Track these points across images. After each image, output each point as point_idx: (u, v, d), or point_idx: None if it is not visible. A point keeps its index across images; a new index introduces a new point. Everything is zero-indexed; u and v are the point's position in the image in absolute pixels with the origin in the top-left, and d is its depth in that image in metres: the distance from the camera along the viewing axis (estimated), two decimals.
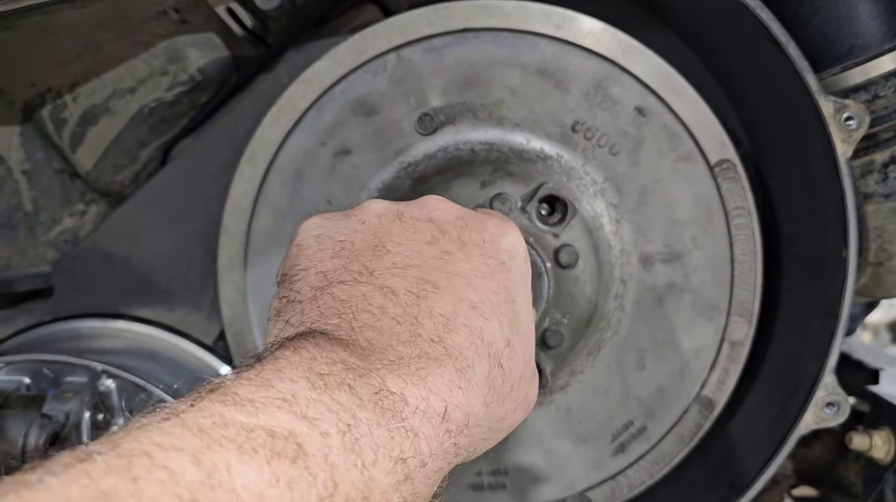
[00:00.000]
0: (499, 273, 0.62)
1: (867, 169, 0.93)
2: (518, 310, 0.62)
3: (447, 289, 0.58)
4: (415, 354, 0.53)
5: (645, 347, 0.95)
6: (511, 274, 0.63)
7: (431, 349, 0.54)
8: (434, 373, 0.52)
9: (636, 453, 0.96)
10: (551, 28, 0.89)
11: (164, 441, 0.37)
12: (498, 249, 0.63)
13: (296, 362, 0.46)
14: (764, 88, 0.93)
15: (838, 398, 0.88)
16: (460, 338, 0.55)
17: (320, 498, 0.40)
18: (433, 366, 0.53)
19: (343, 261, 0.59)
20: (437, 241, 0.61)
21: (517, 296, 0.63)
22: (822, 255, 0.91)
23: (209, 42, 0.93)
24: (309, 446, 0.41)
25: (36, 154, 1.00)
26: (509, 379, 0.58)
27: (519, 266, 0.65)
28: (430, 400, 0.51)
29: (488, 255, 0.62)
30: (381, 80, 0.92)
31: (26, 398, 0.88)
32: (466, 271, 0.60)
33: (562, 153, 0.92)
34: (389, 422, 0.47)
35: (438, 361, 0.53)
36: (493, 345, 0.57)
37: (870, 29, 0.90)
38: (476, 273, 0.60)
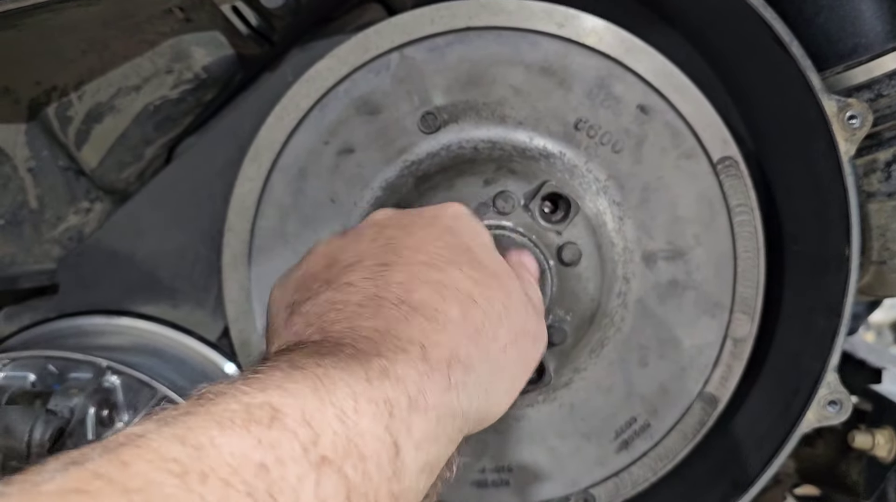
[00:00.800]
0: (446, 233, 0.65)
1: (870, 168, 0.93)
2: (477, 254, 0.65)
3: (399, 263, 0.60)
4: (382, 322, 0.55)
5: (648, 344, 0.95)
6: (459, 230, 0.66)
7: (397, 312, 0.56)
8: (404, 324, 0.55)
9: (640, 450, 0.96)
10: (553, 26, 0.90)
11: (150, 430, 0.39)
12: (439, 218, 0.67)
13: (269, 366, 0.48)
14: (767, 87, 0.93)
15: (841, 396, 0.88)
16: (422, 294, 0.58)
17: (304, 449, 0.41)
18: (402, 323, 0.55)
19: (303, 290, 0.61)
20: (381, 234, 0.65)
21: (472, 246, 0.65)
22: (824, 254, 0.91)
23: (214, 40, 0.93)
24: (283, 407, 0.42)
25: (41, 152, 1.01)
26: (491, 312, 0.60)
27: (467, 224, 0.68)
28: (405, 346, 0.53)
29: (431, 226, 0.66)
30: (385, 79, 0.92)
31: (31, 394, 0.88)
32: (414, 243, 0.63)
33: (564, 151, 0.92)
34: (367, 372, 0.48)
35: (407, 318, 0.56)
36: (459, 287, 0.60)
37: (873, 28, 0.91)
38: (423, 241, 0.63)
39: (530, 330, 0.65)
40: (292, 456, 0.41)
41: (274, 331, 0.61)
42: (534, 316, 0.67)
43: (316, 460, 0.42)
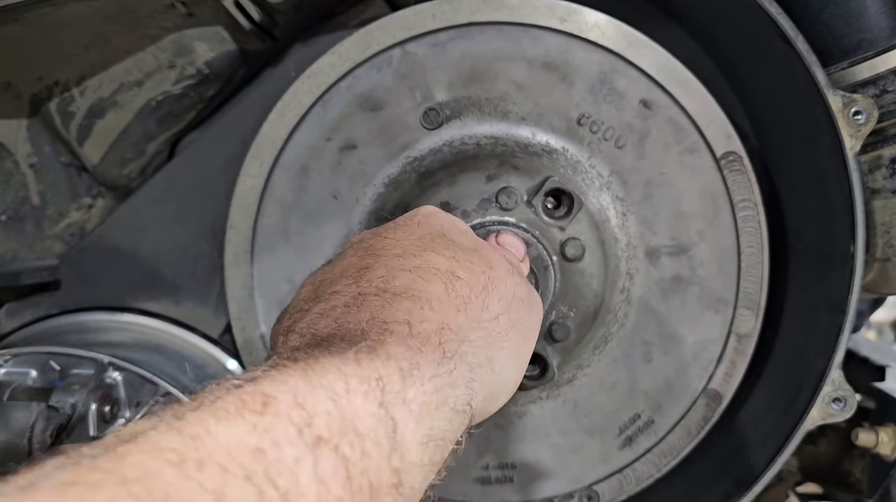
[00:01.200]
0: (419, 227, 0.67)
1: (875, 164, 0.93)
2: (453, 237, 0.66)
3: (377, 262, 0.62)
4: (367, 313, 0.56)
5: (651, 340, 0.94)
6: (430, 224, 0.68)
7: (380, 300, 0.57)
8: (389, 309, 0.56)
9: (643, 446, 0.96)
10: (556, 21, 0.89)
11: (146, 426, 0.39)
12: (411, 218, 0.69)
13: (262, 366, 0.48)
14: (771, 83, 0.93)
15: (845, 393, 0.87)
16: (402, 280, 0.59)
17: (299, 431, 0.42)
18: (387, 309, 0.56)
19: (294, 314, 0.63)
20: (359, 248, 0.67)
21: (446, 231, 0.67)
22: (828, 250, 0.91)
23: (217, 35, 0.93)
24: (274, 393, 0.43)
25: (43, 147, 1.01)
26: (476, 284, 0.61)
27: (439, 218, 0.70)
28: (392, 327, 0.54)
29: (404, 226, 0.68)
30: (387, 75, 0.92)
31: (33, 390, 0.88)
32: (389, 244, 0.65)
33: (567, 147, 0.92)
34: (356, 354, 0.49)
35: (390, 303, 0.57)
36: (438, 266, 0.61)
37: (878, 23, 0.90)
38: (397, 239, 0.65)
39: (522, 296, 0.66)
40: (287, 438, 0.41)
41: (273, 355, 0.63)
42: (522, 282, 0.68)
43: (311, 440, 0.42)
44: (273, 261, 0.95)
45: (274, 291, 0.96)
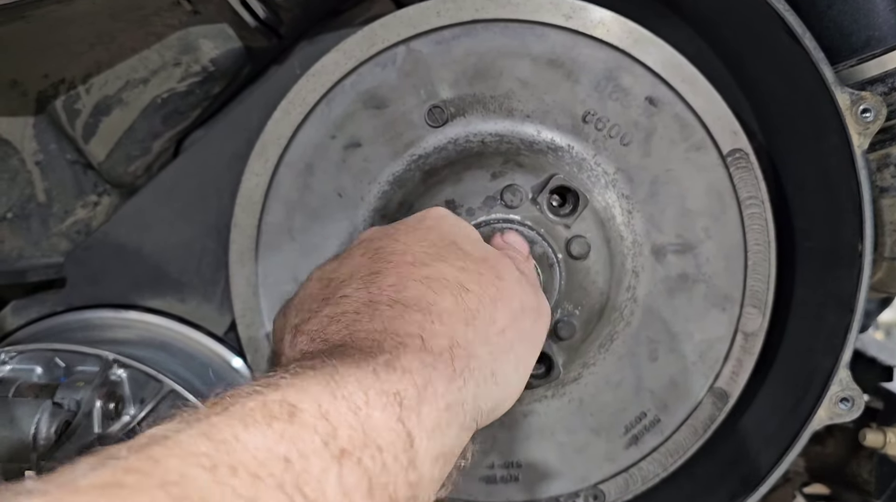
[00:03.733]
0: (430, 233, 0.67)
1: (883, 162, 0.92)
2: (462, 245, 0.66)
3: (387, 268, 0.62)
4: (379, 323, 0.57)
5: (658, 338, 0.94)
6: (442, 228, 0.68)
7: (392, 311, 0.57)
8: (401, 321, 0.56)
9: (650, 445, 0.95)
10: (561, 18, 0.89)
11: (173, 429, 0.40)
12: (422, 221, 0.69)
13: (280, 371, 0.49)
14: (778, 80, 0.92)
15: (853, 393, 0.87)
16: (413, 291, 0.59)
17: (324, 442, 0.42)
18: (399, 320, 0.57)
19: (303, 312, 0.63)
20: (369, 247, 0.66)
21: (457, 239, 0.67)
22: (837, 249, 0.90)
23: (222, 33, 0.93)
24: (299, 403, 0.43)
25: (49, 145, 1.01)
26: (485, 296, 0.62)
27: (450, 222, 0.70)
28: (405, 340, 0.54)
29: (415, 230, 0.68)
30: (391, 73, 0.92)
31: (38, 386, 0.88)
32: (400, 248, 0.65)
33: (573, 144, 0.92)
34: (373, 367, 0.49)
35: (402, 315, 0.57)
36: (448, 278, 0.61)
37: (887, 21, 0.90)
38: (408, 244, 0.65)
39: (529, 306, 0.66)
40: (314, 449, 0.41)
41: (279, 355, 0.63)
42: (530, 291, 0.68)
43: (336, 453, 0.42)
44: (278, 259, 0.95)
45: (278, 289, 0.96)
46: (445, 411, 0.52)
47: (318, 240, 0.95)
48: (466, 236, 0.69)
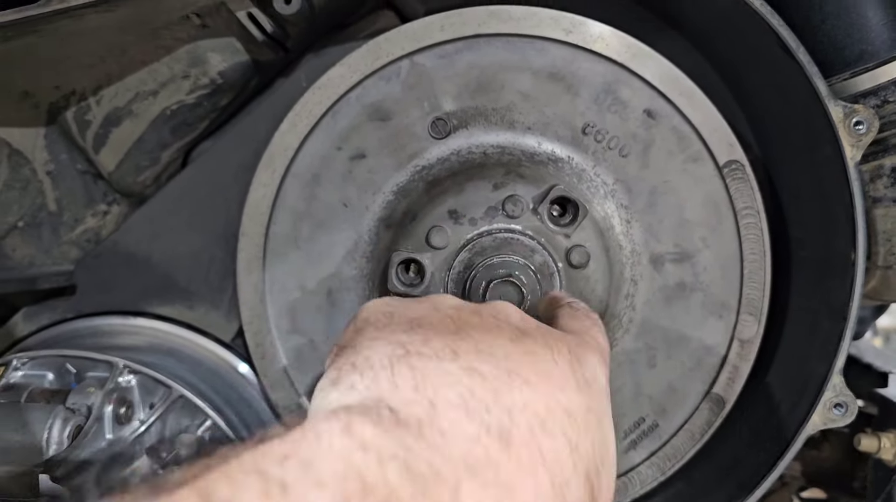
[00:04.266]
0: (588, 389, 0.56)
1: (876, 173, 0.94)
2: (606, 434, 0.57)
3: (539, 387, 0.52)
4: (502, 457, 0.45)
5: (656, 345, 0.96)
6: (598, 395, 0.58)
7: (525, 454, 0.46)
8: (523, 485, 0.45)
9: (648, 450, 0.97)
10: (561, 33, 0.91)
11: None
12: (584, 365, 0.59)
13: (338, 448, 0.40)
14: (773, 93, 0.94)
15: (846, 399, 0.89)
16: (558, 445, 0.49)
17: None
18: (523, 476, 0.45)
19: (421, 337, 0.54)
20: (522, 341, 0.57)
21: (604, 420, 0.58)
22: (830, 258, 0.92)
23: (230, 46, 0.95)
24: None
25: (60, 155, 1.03)
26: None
27: (602, 390, 0.60)
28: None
29: (576, 368, 0.57)
30: (395, 86, 0.94)
31: (50, 392, 0.90)
32: (557, 376, 0.54)
33: (573, 155, 0.94)
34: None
35: (532, 471, 0.46)
36: (589, 462, 0.51)
37: (879, 35, 0.92)
38: (567, 381, 0.55)
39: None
40: None
41: (366, 357, 0.52)
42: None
43: None
44: (284, 268, 0.97)
45: (285, 297, 0.98)
46: None
47: (324, 248, 0.97)
48: (610, 419, 0.59)
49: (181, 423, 0.93)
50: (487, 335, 0.55)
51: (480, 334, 0.55)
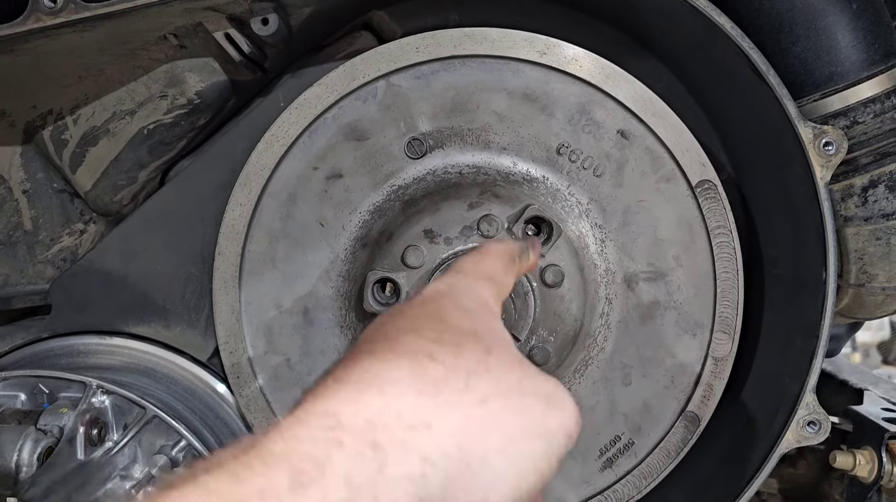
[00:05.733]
0: (420, 308, 0.58)
1: (847, 193, 0.95)
2: (447, 318, 0.56)
3: (356, 349, 0.54)
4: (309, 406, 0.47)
5: (631, 364, 0.96)
6: (432, 305, 0.59)
7: (324, 390, 0.48)
8: (322, 399, 0.47)
9: (624, 468, 0.97)
10: (535, 54, 0.92)
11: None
12: (416, 300, 0.60)
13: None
14: (744, 114, 0.96)
15: (819, 417, 0.89)
16: (361, 365, 0.50)
17: None
18: (319, 400, 0.47)
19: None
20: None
21: (444, 312, 0.58)
22: (803, 277, 0.94)
23: (208, 66, 0.96)
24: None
25: (36, 174, 1.03)
26: (459, 367, 0.51)
27: (444, 297, 0.60)
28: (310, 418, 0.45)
29: (407, 309, 0.58)
30: (372, 106, 0.94)
31: (21, 413, 0.89)
32: (372, 330, 0.57)
33: (547, 175, 0.95)
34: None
35: (325, 393, 0.48)
36: (411, 349, 0.52)
37: (849, 57, 0.93)
38: (384, 324, 0.57)
39: (534, 388, 0.53)
40: None
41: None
42: (537, 374, 0.54)
43: None
44: (261, 287, 0.97)
45: (261, 316, 0.97)
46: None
47: (300, 268, 0.97)
48: (459, 308, 0.58)
49: (155, 444, 0.92)
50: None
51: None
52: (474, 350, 0.52)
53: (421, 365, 0.49)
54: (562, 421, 0.52)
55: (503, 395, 0.50)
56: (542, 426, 0.51)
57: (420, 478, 0.44)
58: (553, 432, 0.51)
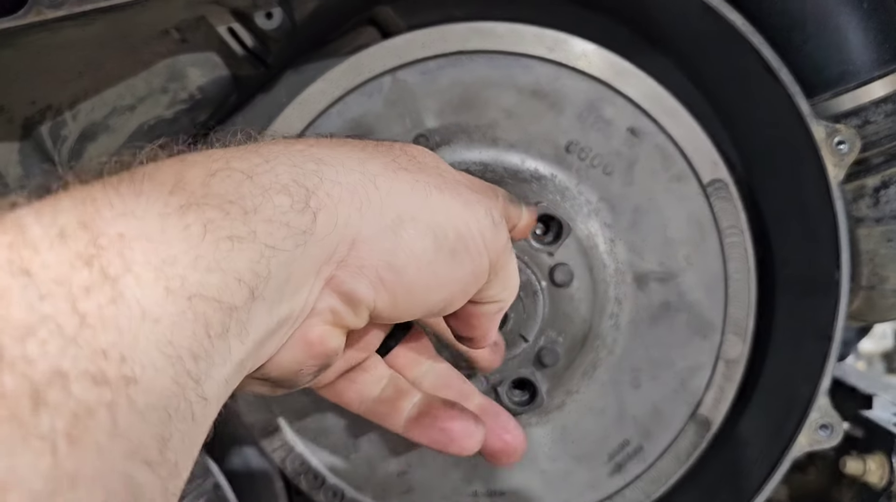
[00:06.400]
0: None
1: (859, 193, 0.94)
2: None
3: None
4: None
5: (640, 366, 0.95)
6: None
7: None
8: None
9: (633, 473, 0.95)
10: (544, 50, 0.91)
11: None
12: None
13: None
14: (756, 112, 0.94)
15: (832, 420, 0.88)
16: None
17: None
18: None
19: None
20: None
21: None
22: (814, 278, 0.92)
23: (209, 61, 0.94)
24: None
25: (34, 170, 1.01)
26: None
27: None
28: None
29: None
30: (377, 102, 0.93)
31: None
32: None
33: (556, 173, 0.93)
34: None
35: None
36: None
37: (860, 56, 0.92)
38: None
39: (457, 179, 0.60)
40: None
41: None
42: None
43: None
44: None
45: None
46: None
47: None
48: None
49: None
50: None
51: None
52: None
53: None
54: (479, 198, 0.58)
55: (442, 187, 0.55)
56: (461, 195, 0.56)
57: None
58: (470, 199, 0.57)
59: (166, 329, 0.38)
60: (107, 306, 0.36)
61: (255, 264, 0.42)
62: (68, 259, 0.36)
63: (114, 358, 0.35)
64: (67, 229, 0.37)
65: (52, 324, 0.33)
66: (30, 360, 0.32)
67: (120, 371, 0.35)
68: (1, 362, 0.32)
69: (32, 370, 0.32)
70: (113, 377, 0.34)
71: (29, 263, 0.35)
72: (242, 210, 0.43)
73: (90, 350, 0.34)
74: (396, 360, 0.69)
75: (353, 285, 0.50)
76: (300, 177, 0.47)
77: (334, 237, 0.48)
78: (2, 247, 0.35)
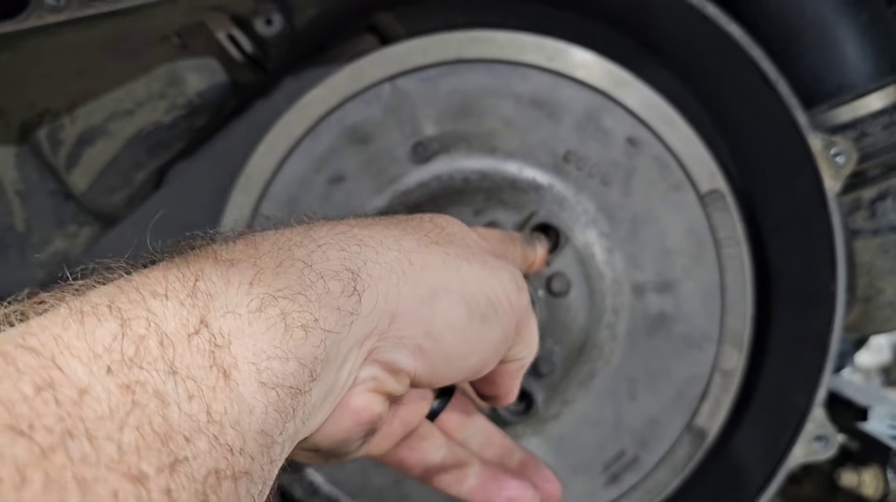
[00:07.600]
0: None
1: (855, 205, 0.94)
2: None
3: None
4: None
5: (637, 376, 0.94)
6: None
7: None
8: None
9: (628, 483, 0.95)
10: (544, 59, 0.91)
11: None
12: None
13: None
14: (754, 123, 0.95)
15: (827, 432, 0.88)
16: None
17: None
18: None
19: None
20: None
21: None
22: (811, 289, 0.92)
23: (209, 67, 0.94)
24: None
25: (30, 174, 1.01)
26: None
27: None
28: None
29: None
30: (376, 109, 0.93)
31: None
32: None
33: (554, 183, 0.93)
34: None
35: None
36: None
37: (857, 68, 0.93)
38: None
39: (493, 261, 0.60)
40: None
41: None
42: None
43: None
44: None
45: None
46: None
47: None
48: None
49: None
50: None
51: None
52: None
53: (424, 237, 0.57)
54: (504, 265, 0.61)
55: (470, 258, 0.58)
56: (488, 264, 0.59)
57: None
58: (496, 266, 0.59)
59: (259, 418, 0.41)
60: (229, 406, 0.40)
61: (316, 349, 0.46)
62: (201, 363, 0.40)
63: (237, 452, 0.39)
64: (190, 324, 0.41)
65: (195, 425, 0.38)
66: (190, 460, 0.37)
67: (241, 466, 0.39)
68: (175, 466, 0.36)
69: (196, 472, 0.37)
70: (238, 472, 0.39)
71: (174, 362, 0.39)
72: (308, 299, 0.47)
73: (224, 450, 0.38)
74: (446, 424, 0.72)
75: (394, 355, 0.53)
76: (347, 261, 0.50)
77: (376, 314, 0.51)
78: (152, 342, 0.38)
